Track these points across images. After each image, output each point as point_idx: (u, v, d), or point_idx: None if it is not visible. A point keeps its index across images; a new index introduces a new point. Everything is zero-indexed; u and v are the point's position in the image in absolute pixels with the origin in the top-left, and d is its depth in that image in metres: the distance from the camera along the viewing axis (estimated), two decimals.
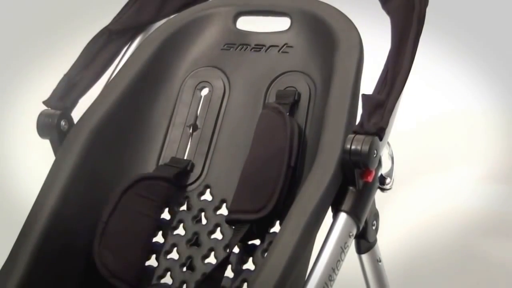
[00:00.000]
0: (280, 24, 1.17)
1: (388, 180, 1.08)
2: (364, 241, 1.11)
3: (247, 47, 1.18)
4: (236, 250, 1.06)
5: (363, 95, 1.00)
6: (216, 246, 1.08)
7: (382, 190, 1.08)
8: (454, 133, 2.16)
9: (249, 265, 1.05)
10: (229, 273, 1.05)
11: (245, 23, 1.21)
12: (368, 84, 1.04)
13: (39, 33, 2.37)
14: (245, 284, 1.04)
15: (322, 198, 0.95)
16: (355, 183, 0.99)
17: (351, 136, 0.97)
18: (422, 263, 1.80)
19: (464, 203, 1.99)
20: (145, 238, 1.10)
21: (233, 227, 1.07)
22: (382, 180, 1.07)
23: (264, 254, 1.03)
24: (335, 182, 0.97)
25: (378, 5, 1.11)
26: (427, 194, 2.02)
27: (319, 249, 0.97)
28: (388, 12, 1.10)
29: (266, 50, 1.17)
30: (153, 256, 1.10)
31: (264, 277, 0.90)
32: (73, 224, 1.07)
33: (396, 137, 1.11)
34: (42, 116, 1.13)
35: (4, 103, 2.29)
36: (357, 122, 0.99)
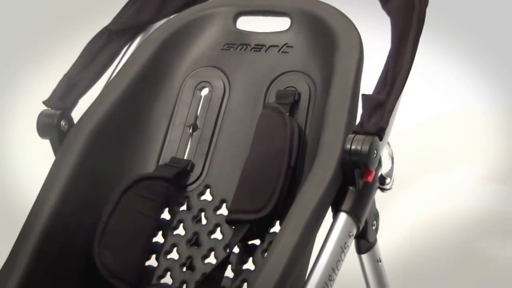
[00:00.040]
0: (280, 24, 1.17)
1: (388, 180, 1.08)
2: (364, 241, 1.11)
3: (247, 47, 1.18)
4: (236, 250, 1.06)
5: (363, 95, 1.00)
6: (216, 246, 1.08)
7: (382, 190, 1.08)
8: (454, 133, 2.16)
9: (249, 265, 1.05)
10: (229, 273, 1.05)
11: (245, 23, 1.21)
12: (368, 84, 1.04)
13: (39, 33, 2.37)
14: (245, 284, 1.04)
15: (322, 198, 0.95)
16: (355, 183, 0.99)
17: (351, 136, 0.97)
18: (422, 263, 1.80)
19: (464, 203, 1.99)
20: (145, 238, 1.10)
21: (233, 227, 1.07)
22: (382, 180, 1.07)
23: (264, 254, 1.03)
24: (335, 182, 0.97)
25: (378, 5, 1.11)
26: (427, 194, 2.02)
27: (319, 249, 0.97)
28: (388, 12, 1.10)
29: (266, 50, 1.17)
30: (153, 256, 1.10)
31: (264, 277, 0.90)
32: (73, 224, 1.07)
33: (396, 137, 1.11)
34: (42, 116, 1.13)
35: (4, 103, 2.29)
36: (357, 122, 0.99)
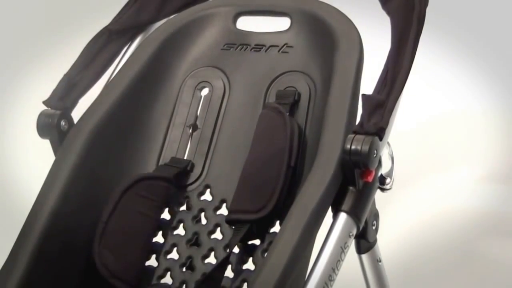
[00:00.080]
0: (280, 24, 1.17)
1: (388, 180, 1.08)
2: (364, 241, 1.11)
3: (247, 47, 1.18)
4: (236, 250, 1.06)
5: (363, 95, 1.00)
6: (216, 246, 1.08)
7: (382, 190, 1.08)
8: (454, 133, 2.16)
9: (249, 265, 1.05)
10: (229, 273, 1.05)
11: (245, 23, 1.21)
12: (368, 84, 1.04)
13: (39, 33, 2.37)
14: (245, 284, 1.04)
15: (322, 198, 0.95)
16: (355, 183, 0.99)
17: (351, 136, 0.97)
18: (422, 263, 1.80)
19: (464, 203, 1.99)
20: (145, 238, 1.10)
21: (233, 227, 1.07)
22: (382, 180, 1.07)
23: (264, 254, 1.03)
24: (335, 182, 0.97)
25: (378, 5, 1.11)
26: (427, 194, 2.02)
27: (319, 249, 0.97)
28: (388, 13, 1.10)
29: (266, 50, 1.17)
30: (153, 256, 1.10)
31: (264, 277, 0.90)
32: (73, 224, 1.07)
33: (396, 137, 1.11)
34: (42, 116, 1.13)
35: (4, 103, 2.29)
36: (357, 122, 0.99)
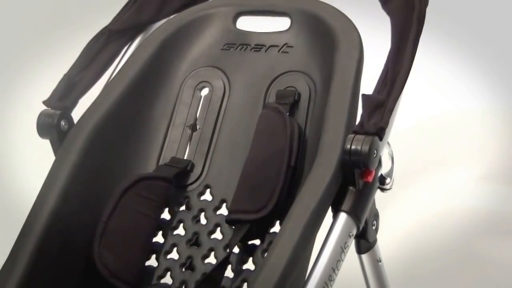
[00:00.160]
0: (280, 24, 1.17)
1: (388, 180, 1.08)
2: (364, 241, 1.11)
3: (247, 47, 1.18)
4: (236, 250, 1.06)
5: (363, 95, 1.00)
6: (216, 246, 1.08)
7: (382, 190, 1.08)
8: (454, 133, 2.16)
9: (249, 265, 1.05)
10: (229, 273, 1.05)
11: (245, 23, 1.21)
12: (368, 84, 1.04)
13: (39, 33, 2.37)
14: (245, 284, 1.04)
15: (322, 198, 0.95)
16: (355, 183, 0.99)
17: (351, 136, 0.97)
18: (422, 263, 1.80)
19: (464, 203, 1.99)
20: (145, 238, 1.10)
21: (233, 227, 1.07)
22: (382, 180, 1.07)
23: (264, 254, 1.03)
24: (335, 182, 0.97)
25: (378, 5, 1.11)
26: (427, 194, 2.02)
27: (319, 249, 0.97)
28: (388, 13, 1.10)
29: (266, 50, 1.17)
30: (153, 256, 1.10)
31: (264, 277, 0.90)
32: (73, 224, 1.07)
33: (396, 137, 1.11)
34: (42, 116, 1.13)
35: (5, 104, 2.29)
36: (357, 122, 0.99)
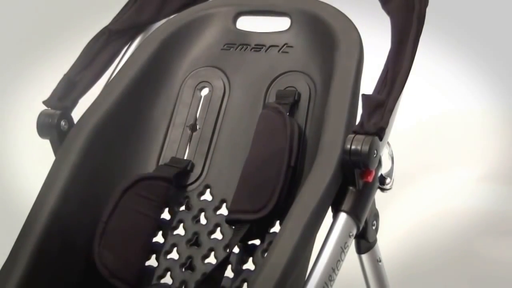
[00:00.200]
0: (280, 24, 1.17)
1: (388, 180, 1.08)
2: (364, 241, 1.11)
3: (247, 47, 1.18)
4: (236, 250, 1.06)
5: (363, 95, 1.00)
6: (216, 246, 1.08)
7: (382, 190, 1.08)
8: (454, 133, 2.17)
9: (249, 265, 1.05)
10: (229, 273, 1.05)
11: (245, 23, 1.21)
12: (368, 84, 1.04)
13: (40, 34, 2.37)
14: (245, 284, 1.04)
15: (322, 198, 0.95)
16: (355, 183, 0.99)
17: (351, 136, 0.97)
18: (422, 263, 1.80)
19: (464, 203, 1.99)
20: (145, 238, 1.10)
21: (233, 227, 1.07)
22: (382, 180, 1.07)
23: (264, 254, 1.03)
24: (335, 182, 0.97)
25: (378, 5, 1.11)
26: (427, 194, 2.02)
27: (319, 249, 0.97)
28: (388, 13, 1.10)
29: (266, 50, 1.17)
30: (153, 256, 1.10)
31: (264, 277, 0.90)
32: (73, 224, 1.07)
33: (396, 137, 1.11)
34: (42, 116, 1.13)
35: (5, 104, 2.29)
36: (357, 122, 0.99)
